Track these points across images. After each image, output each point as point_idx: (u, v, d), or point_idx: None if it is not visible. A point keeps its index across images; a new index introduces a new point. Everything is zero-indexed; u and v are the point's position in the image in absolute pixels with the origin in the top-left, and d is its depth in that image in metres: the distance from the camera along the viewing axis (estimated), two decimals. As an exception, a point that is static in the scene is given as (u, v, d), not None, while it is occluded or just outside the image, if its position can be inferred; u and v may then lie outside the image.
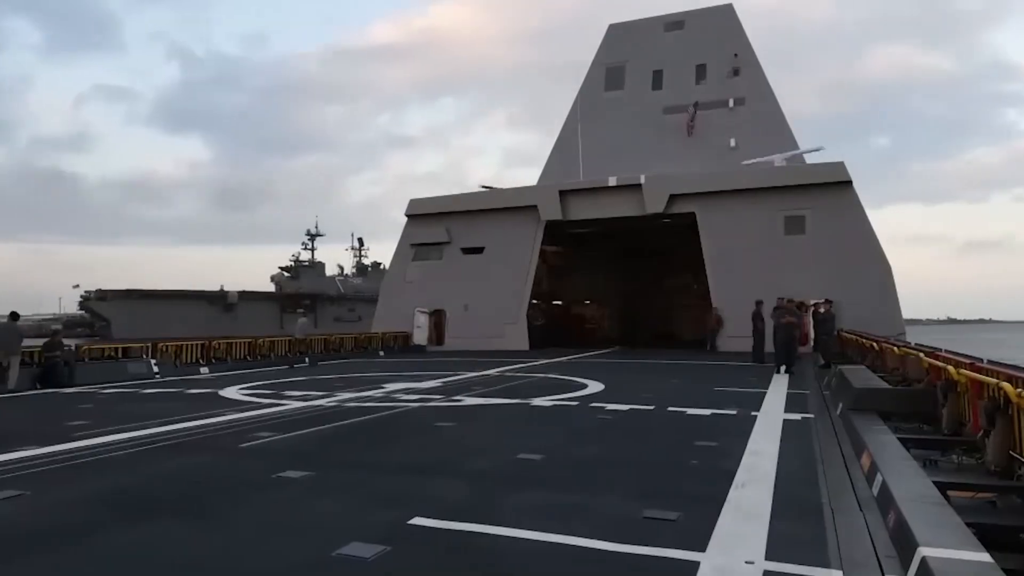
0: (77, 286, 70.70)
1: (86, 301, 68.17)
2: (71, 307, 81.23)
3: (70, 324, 67.14)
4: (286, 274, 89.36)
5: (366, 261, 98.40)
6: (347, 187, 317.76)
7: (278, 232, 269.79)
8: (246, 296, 74.74)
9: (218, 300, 72.15)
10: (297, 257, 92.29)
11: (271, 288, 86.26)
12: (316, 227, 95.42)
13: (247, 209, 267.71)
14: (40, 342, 17.11)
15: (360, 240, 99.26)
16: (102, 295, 65.93)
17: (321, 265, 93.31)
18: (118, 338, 44.56)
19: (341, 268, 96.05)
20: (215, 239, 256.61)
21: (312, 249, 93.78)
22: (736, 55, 35.34)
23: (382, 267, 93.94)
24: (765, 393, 13.17)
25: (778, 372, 17.10)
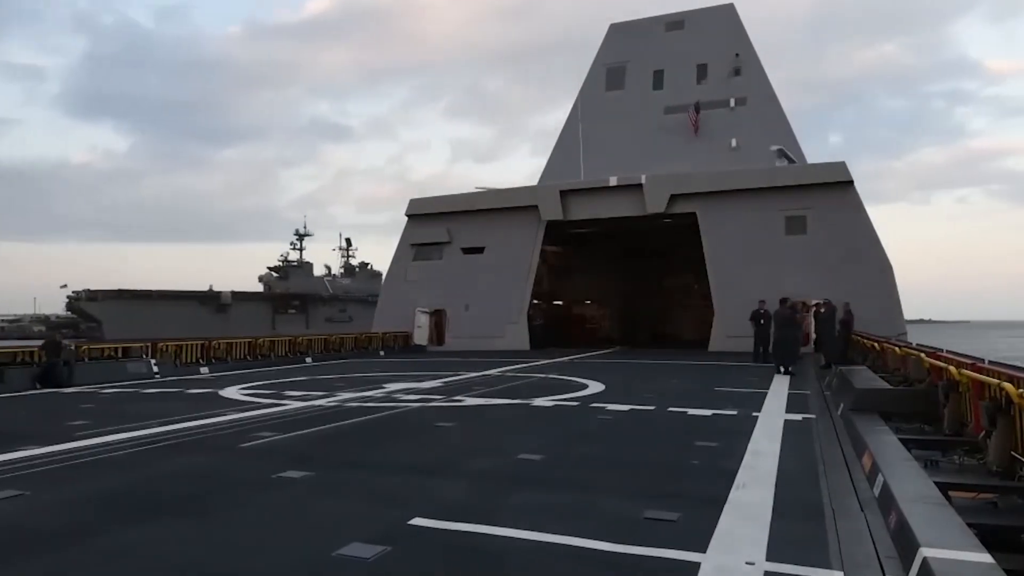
0: (65, 286, 69.61)
1: (75, 301, 67.16)
2: (46, 307, 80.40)
3: (53, 325, 65.83)
4: (275, 275, 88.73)
5: (354, 262, 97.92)
6: (281, 182, 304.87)
7: (207, 229, 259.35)
8: (238, 297, 74.44)
9: (211, 301, 71.80)
10: (286, 257, 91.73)
11: (234, 288, 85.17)
12: (304, 227, 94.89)
13: (170, 203, 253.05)
14: (20, 343, 16.97)
15: (348, 240, 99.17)
16: (92, 295, 65.11)
17: (309, 265, 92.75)
18: (113, 338, 44.34)
19: (328, 268, 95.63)
20: (148, 237, 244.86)
21: (300, 249, 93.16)
22: (737, 55, 35.34)
23: (370, 267, 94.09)
24: (766, 394, 13.16)
25: (779, 372, 17.09)
